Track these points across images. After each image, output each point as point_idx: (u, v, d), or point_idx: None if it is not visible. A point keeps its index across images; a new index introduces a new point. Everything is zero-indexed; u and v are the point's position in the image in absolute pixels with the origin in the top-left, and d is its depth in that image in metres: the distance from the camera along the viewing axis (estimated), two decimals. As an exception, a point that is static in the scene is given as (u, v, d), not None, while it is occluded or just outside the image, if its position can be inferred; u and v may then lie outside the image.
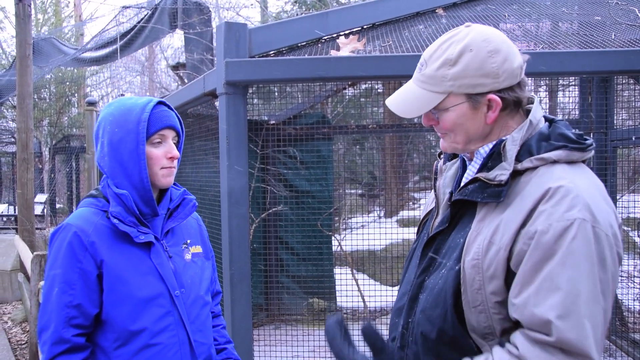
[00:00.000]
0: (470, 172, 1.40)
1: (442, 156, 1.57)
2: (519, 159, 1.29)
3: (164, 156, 1.70)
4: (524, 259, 1.20)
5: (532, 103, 1.39)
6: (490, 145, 1.36)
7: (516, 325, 1.24)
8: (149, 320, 1.64)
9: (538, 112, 1.35)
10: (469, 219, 1.33)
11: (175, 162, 1.74)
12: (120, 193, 1.66)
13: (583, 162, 1.32)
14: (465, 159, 1.46)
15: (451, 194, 1.45)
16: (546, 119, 1.38)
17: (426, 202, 1.64)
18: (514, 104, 1.35)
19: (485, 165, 1.34)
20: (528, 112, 1.37)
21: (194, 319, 1.75)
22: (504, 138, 1.33)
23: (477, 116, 1.34)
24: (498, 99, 1.31)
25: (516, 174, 1.28)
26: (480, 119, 1.34)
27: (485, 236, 1.26)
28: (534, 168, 1.27)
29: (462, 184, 1.40)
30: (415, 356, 1.39)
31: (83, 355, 1.60)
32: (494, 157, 1.32)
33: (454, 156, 1.53)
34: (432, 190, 1.55)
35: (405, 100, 1.40)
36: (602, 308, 1.17)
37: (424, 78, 1.36)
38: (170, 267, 1.72)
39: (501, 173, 1.27)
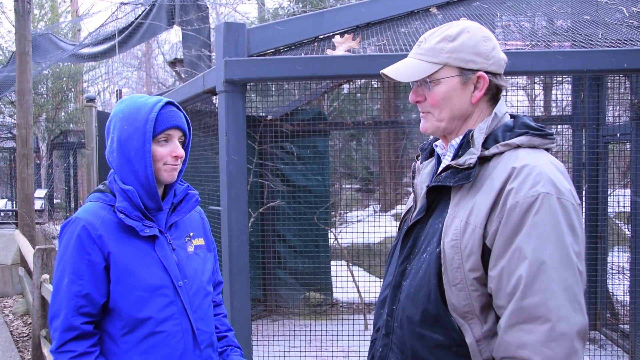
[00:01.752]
0: (444, 164, 1.52)
1: (419, 158, 1.71)
2: (486, 146, 1.42)
3: (168, 154, 1.78)
4: (497, 235, 1.33)
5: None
6: (461, 137, 1.49)
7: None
8: (154, 309, 1.72)
9: (503, 108, 1.49)
10: (445, 206, 1.45)
11: (180, 160, 1.82)
12: (126, 189, 1.74)
13: (548, 150, 1.45)
14: (440, 155, 1.58)
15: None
16: (511, 115, 1.51)
17: (407, 204, 1.75)
18: (493, 93, 1.50)
19: (457, 155, 1.47)
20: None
21: (196, 308, 1.83)
22: (471, 129, 1.47)
23: (464, 93, 1.48)
24: (486, 76, 1.47)
25: (485, 160, 1.42)
26: (467, 97, 1.48)
27: (462, 218, 1.38)
28: (500, 153, 1.41)
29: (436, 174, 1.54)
30: (400, 341, 1.48)
31: (91, 342, 1.69)
32: (464, 147, 1.46)
33: (429, 156, 1.66)
34: (412, 190, 1.67)
35: (403, 68, 1.53)
36: (577, 271, 1.27)
37: (422, 51, 1.51)
38: (174, 259, 1.80)
39: (470, 157, 1.41)
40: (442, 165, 1.52)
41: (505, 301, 1.30)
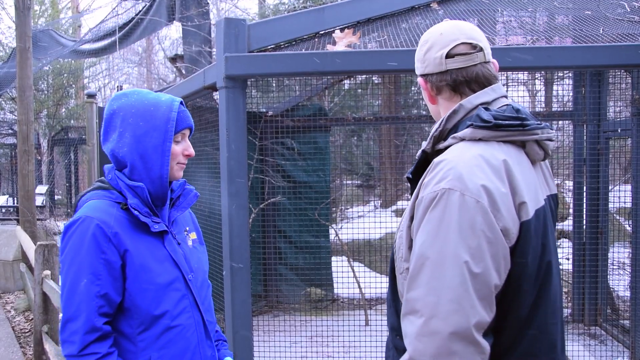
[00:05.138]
0: None
1: None
2: (446, 138, 1.44)
3: (181, 153, 1.80)
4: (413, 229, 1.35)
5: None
6: None
7: None
8: (170, 304, 1.73)
9: (478, 99, 1.45)
10: None
11: (187, 159, 1.85)
12: (135, 185, 1.73)
13: (523, 143, 1.41)
14: None
15: None
16: (479, 108, 1.48)
17: None
18: (449, 89, 1.50)
19: None
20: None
21: (203, 300, 1.86)
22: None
23: (426, 95, 1.58)
24: (421, 80, 1.56)
25: (440, 153, 1.42)
26: (428, 99, 1.58)
27: (408, 209, 1.42)
28: (450, 146, 1.41)
29: None
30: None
31: (111, 342, 1.68)
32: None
33: None
34: None
35: None
36: (465, 271, 1.23)
37: None
38: (181, 253, 1.82)
39: (419, 151, 1.47)
40: None
41: None
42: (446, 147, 1.41)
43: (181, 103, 1.82)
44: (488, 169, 1.29)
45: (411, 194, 1.52)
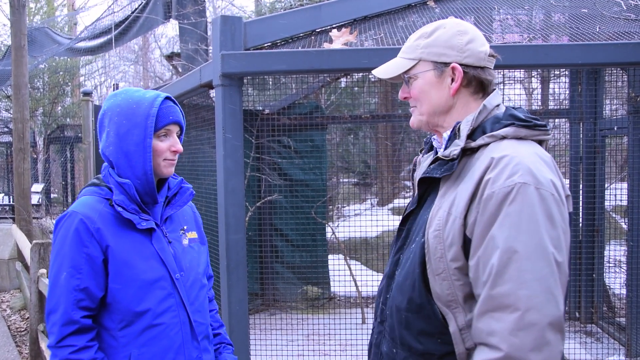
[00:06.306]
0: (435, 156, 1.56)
1: (422, 152, 1.74)
2: (473, 138, 1.44)
3: (168, 149, 1.79)
4: (475, 225, 1.34)
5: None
6: (451, 129, 1.52)
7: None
8: (153, 301, 1.73)
9: (494, 100, 1.50)
10: (434, 197, 1.48)
11: (177, 155, 1.84)
12: (123, 182, 1.74)
13: (540, 143, 1.46)
14: (437, 148, 1.61)
15: None
16: (507, 108, 1.52)
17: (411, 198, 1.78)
18: (477, 84, 1.51)
19: (447, 148, 1.51)
20: None
21: (193, 301, 1.84)
22: (460, 122, 1.49)
23: (441, 86, 1.52)
24: (459, 67, 1.49)
25: (472, 152, 1.44)
26: (445, 90, 1.51)
27: (445, 209, 1.41)
28: (486, 145, 1.42)
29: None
30: (391, 328, 1.53)
31: (90, 336, 1.69)
32: (451, 139, 1.50)
33: (430, 149, 1.68)
34: (411, 183, 1.71)
35: (386, 66, 1.62)
36: (552, 261, 1.27)
37: (404, 49, 1.59)
38: (170, 251, 1.81)
39: (454, 149, 1.44)
40: (432, 157, 1.56)
41: (481, 290, 1.31)
42: (479, 146, 1.42)
43: (169, 99, 1.81)
44: (545, 164, 1.35)
45: (421, 194, 1.53)
